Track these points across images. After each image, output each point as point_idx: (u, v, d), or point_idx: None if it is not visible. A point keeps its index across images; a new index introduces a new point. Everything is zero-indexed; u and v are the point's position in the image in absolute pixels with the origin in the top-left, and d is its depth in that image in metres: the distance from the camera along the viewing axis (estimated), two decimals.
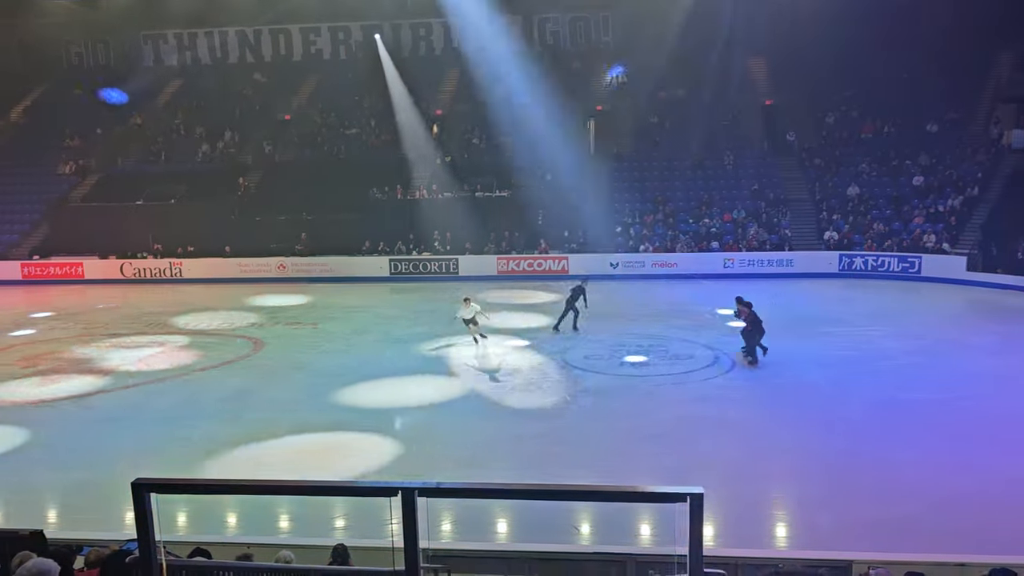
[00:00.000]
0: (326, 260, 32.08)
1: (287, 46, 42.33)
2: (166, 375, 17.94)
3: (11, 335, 22.56)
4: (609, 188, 34.51)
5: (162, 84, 42.17)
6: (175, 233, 33.34)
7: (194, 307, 26.27)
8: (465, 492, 2.45)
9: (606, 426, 13.99)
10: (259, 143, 37.72)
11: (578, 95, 38.10)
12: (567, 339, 20.31)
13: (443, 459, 12.48)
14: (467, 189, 34.22)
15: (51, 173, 37.72)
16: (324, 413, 15.07)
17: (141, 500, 2.62)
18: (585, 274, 24.92)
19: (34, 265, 33.31)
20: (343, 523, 10.21)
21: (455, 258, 31.77)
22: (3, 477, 12.75)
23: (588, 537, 9.66)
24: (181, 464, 12.29)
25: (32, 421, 15.08)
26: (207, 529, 9.47)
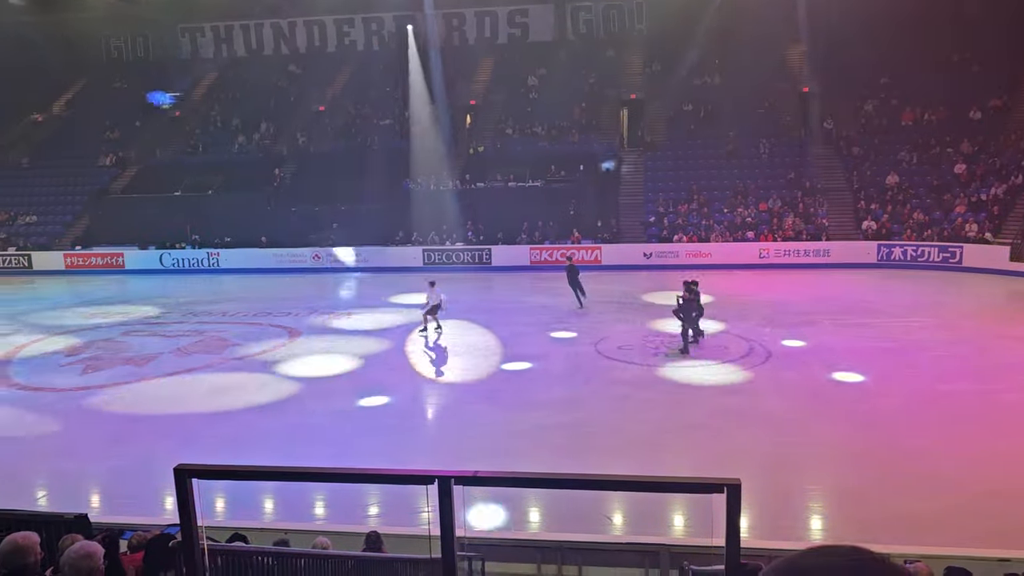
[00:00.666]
0: (360, 250, 32.34)
1: (321, 37, 42.63)
2: (204, 363, 18.24)
3: (55, 324, 23.06)
4: (642, 177, 34.36)
5: (199, 77, 42.73)
6: (212, 223, 33.83)
7: (229, 297, 26.64)
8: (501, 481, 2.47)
9: (638, 417, 13.94)
10: (294, 134, 38.08)
11: (611, 83, 37.94)
12: (600, 329, 20.25)
13: (473, 448, 12.55)
14: (500, 179, 34.23)
15: (92, 165, 38.48)
16: (358, 400, 15.22)
17: (183, 485, 2.67)
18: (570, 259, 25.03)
19: (76, 255, 34.03)
20: (376, 510, 10.34)
21: (488, 248, 31.82)
22: (48, 462, 13.09)
23: (621, 527, 9.66)
24: (219, 451, 12.51)
25: (75, 408, 15.45)
26: (243, 515, 9.64)
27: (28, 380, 17.47)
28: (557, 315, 22.34)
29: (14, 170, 39.18)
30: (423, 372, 17.21)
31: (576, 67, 38.28)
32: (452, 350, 18.90)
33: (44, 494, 11.78)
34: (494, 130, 37.23)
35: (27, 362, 18.91)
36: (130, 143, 39.11)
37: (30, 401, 16.07)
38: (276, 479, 2.44)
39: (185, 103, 41.10)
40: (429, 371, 17.25)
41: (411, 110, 38.11)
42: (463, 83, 39.05)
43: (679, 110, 36.59)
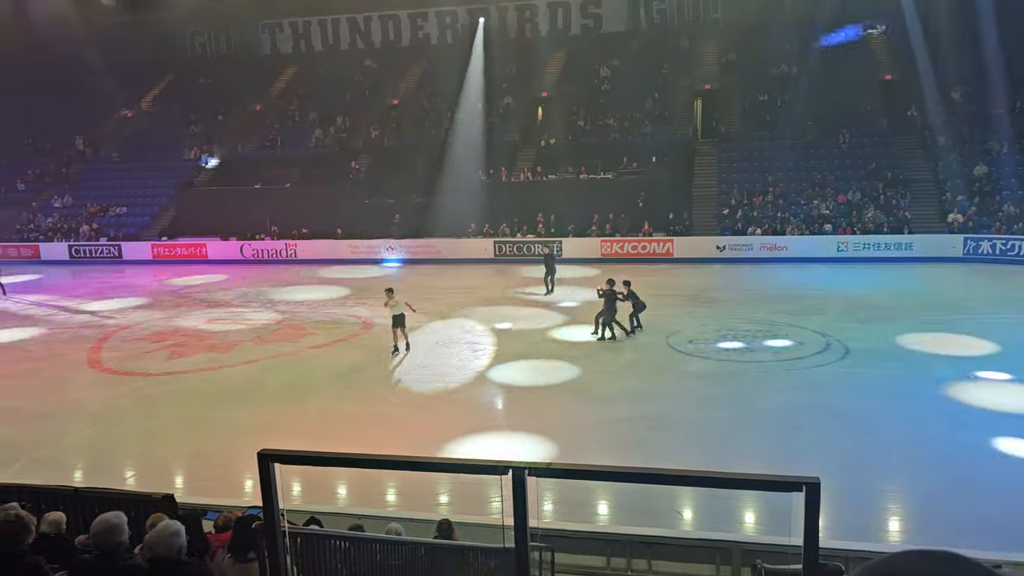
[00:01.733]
0: (432, 242, 32.72)
1: (396, 32, 43.20)
2: (282, 351, 18.78)
3: (143, 312, 24.06)
4: (716, 169, 33.79)
5: (278, 72, 43.83)
6: (290, 215, 34.72)
7: (306, 287, 27.30)
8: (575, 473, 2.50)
9: (710, 412, 13.78)
10: (368, 127, 38.72)
11: (685, 73, 37.38)
12: (671, 323, 20.01)
13: (543, 440, 12.60)
14: (571, 171, 34.14)
15: (178, 158, 39.91)
16: (429, 391, 15.46)
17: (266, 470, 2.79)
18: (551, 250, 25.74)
19: (162, 246, 35.40)
20: (446, 499, 10.51)
21: (559, 240, 31.79)
22: (136, 444, 13.73)
23: (692, 523, 9.59)
24: (296, 436, 12.88)
25: (161, 392, 16.14)
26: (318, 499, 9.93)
27: (118, 365, 18.31)
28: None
29: (106, 164, 40.98)
30: (492, 363, 17.33)
31: (649, 57, 37.83)
32: (522, 341, 18.96)
33: (132, 474, 12.35)
34: (566, 122, 37.11)
35: (117, 347, 19.80)
36: (213, 137, 40.42)
37: (121, 385, 16.85)
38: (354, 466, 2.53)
39: (265, 97, 42.22)
40: (499, 362, 17.36)
41: (483, 103, 38.31)
42: (535, 75, 39.03)
43: (755, 100, 35.80)
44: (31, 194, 39.86)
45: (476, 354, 18.09)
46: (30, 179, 40.55)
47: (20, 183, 40.38)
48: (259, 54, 44.67)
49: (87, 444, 13.83)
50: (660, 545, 7.92)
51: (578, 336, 19.19)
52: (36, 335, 21.54)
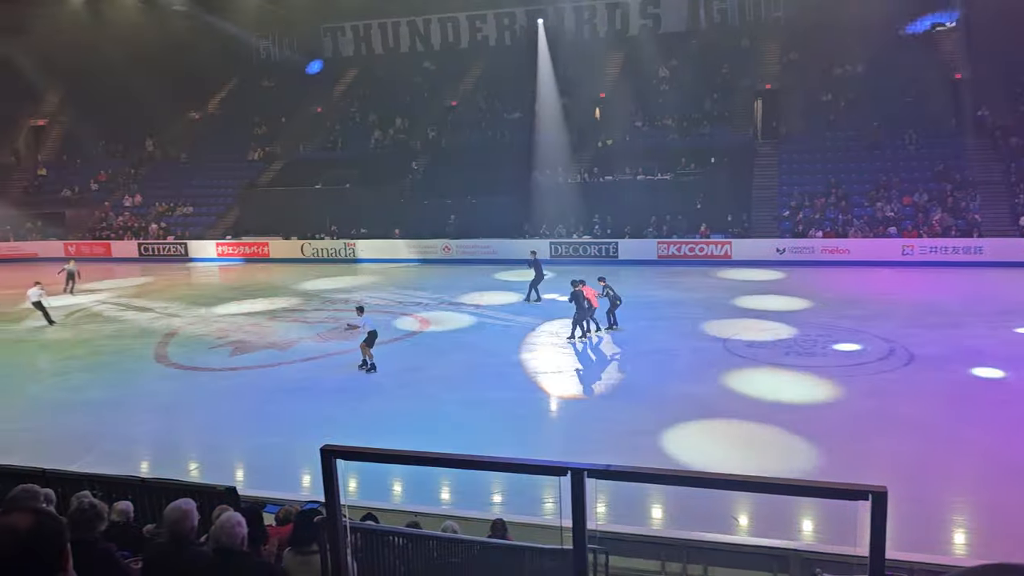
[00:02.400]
0: (488, 242, 32.88)
1: (455, 34, 43.54)
2: (340, 349, 19.11)
3: (207, 308, 24.72)
4: (776, 170, 33.23)
5: (339, 74, 44.58)
6: (349, 215, 35.29)
7: (364, 286, 27.71)
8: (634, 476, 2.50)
9: (769, 417, 13.56)
10: (427, 129, 39.11)
11: (745, 73, 36.84)
12: (729, 326, 19.76)
13: (595, 442, 12.58)
14: (628, 172, 33.95)
15: (242, 159, 40.93)
16: (486, 391, 15.56)
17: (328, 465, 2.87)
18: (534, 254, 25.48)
19: (227, 244, 36.33)
20: (500, 498, 10.58)
21: (615, 242, 31.65)
22: (199, 437, 14.14)
23: (748, 529, 9.47)
24: (352, 433, 13.10)
25: (224, 387, 16.59)
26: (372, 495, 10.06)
27: (184, 360, 18.87)
28: (685, 310, 21.99)
29: (174, 165, 42.25)
30: (550, 364, 17.36)
31: (708, 57, 37.40)
32: (577, 342, 18.94)
33: (196, 466, 12.72)
34: (623, 123, 36.90)
35: (184, 343, 20.40)
36: (276, 138, 41.33)
37: (185, 379, 17.37)
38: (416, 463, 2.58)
39: (326, 100, 42.99)
40: (558, 363, 17.38)
41: (540, 103, 38.34)
42: (593, 76, 38.89)
43: (817, 100, 35.08)
44: (104, 194, 41.34)
45: (532, 356, 18.14)
46: (103, 179, 42.05)
47: (93, 183, 41.91)
48: (321, 57, 45.49)
49: (153, 436, 14.29)
50: (716, 551, 7.84)
51: (626, 340, 19.07)
52: (109, 331, 22.33)
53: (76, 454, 12.45)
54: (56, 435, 13.94)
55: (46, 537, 2.01)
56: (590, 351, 18.31)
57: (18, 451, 11.54)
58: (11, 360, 19.59)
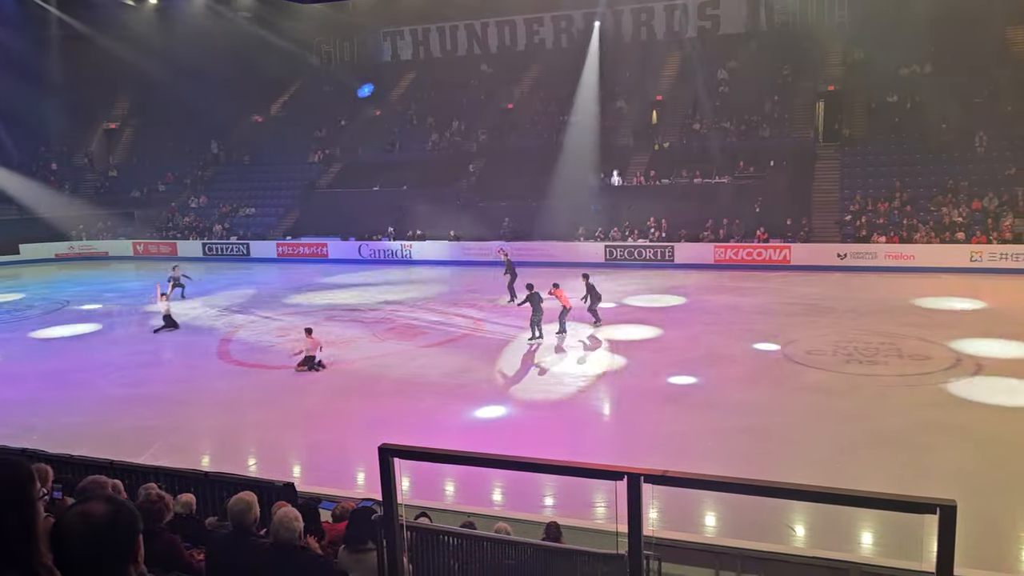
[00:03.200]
0: (543, 244, 32.88)
1: (512, 37, 43.69)
2: (396, 349, 19.33)
3: (268, 307, 25.23)
4: (838, 173, 32.51)
5: (398, 78, 45.13)
6: (406, 217, 35.67)
7: (420, 287, 27.93)
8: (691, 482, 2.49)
9: (828, 426, 13.28)
10: (483, 131, 39.31)
11: (807, 75, 36.15)
12: (788, 332, 19.41)
13: (652, 447, 12.48)
14: (685, 175, 33.61)
15: (303, 162, 41.76)
16: (537, 393, 15.57)
17: (386, 463, 2.92)
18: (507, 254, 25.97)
19: (287, 245, 37.10)
20: (551, 501, 10.58)
21: (670, 245, 31.35)
22: (258, 433, 14.46)
23: (806, 540, 9.29)
24: (407, 432, 13.24)
25: (282, 385, 16.93)
26: (425, 494, 10.16)
27: (244, 357, 19.33)
28: (742, 315, 21.68)
29: (237, 166, 43.32)
30: (604, 369, 17.29)
31: (769, 59, 36.78)
32: (635, 347, 18.83)
33: (254, 462, 13.02)
34: (681, 125, 36.56)
35: (243, 341, 20.89)
36: (336, 141, 42.03)
37: (246, 376, 17.78)
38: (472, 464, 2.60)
39: (384, 103, 43.55)
40: (612, 368, 17.30)
41: (597, 107, 38.23)
42: (650, 78, 38.61)
43: (882, 102, 34.19)
44: (170, 195, 42.60)
45: (587, 360, 18.10)
46: (169, 180, 43.34)
47: (161, 184, 43.22)
48: (380, 61, 46.13)
49: (215, 431, 14.67)
50: (772, 561, 7.71)
51: (681, 345, 18.87)
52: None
53: (141, 447, 12.86)
54: (122, 428, 14.41)
55: (121, 526, 2.09)
56: (644, 355, 18.16)
57: (87, 443, 11.96)
58: (81, 355, 20.32)
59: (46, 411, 15.76)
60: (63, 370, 18.82)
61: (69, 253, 39.30)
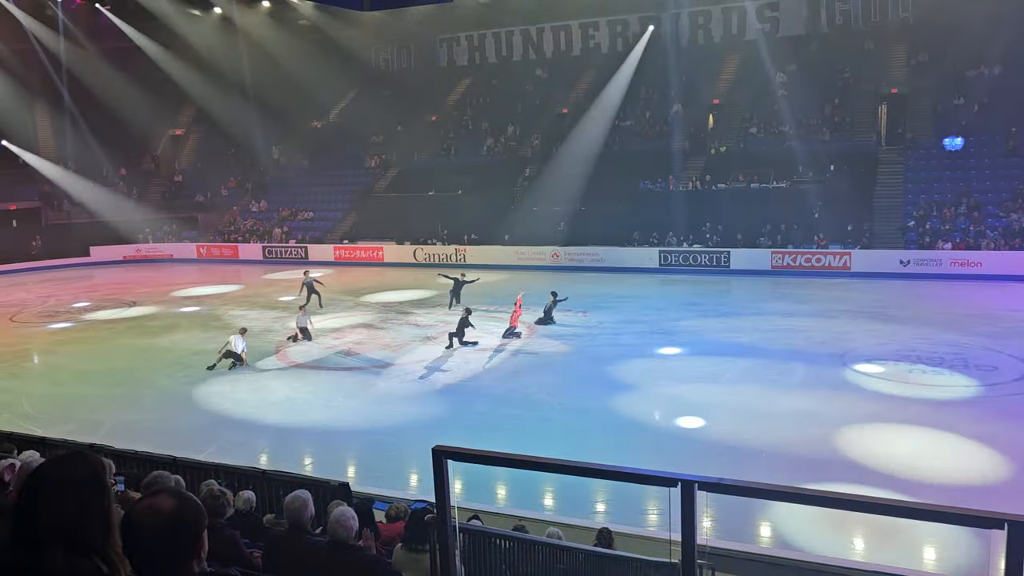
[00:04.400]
0: (597, 250, 32.78)
1: (567, 42, 43.70)
2: (448, 353, 19.48)
3: (324, 310, 25.66)
4: (902, 178, 31.69)
5: (453, 83, 45.52)
6: (460, 222, 35.92)
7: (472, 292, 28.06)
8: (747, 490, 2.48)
9: (890, 440, 12.95)
10: (538, 136, 39.37)
11: (869, 77, 35.36)
12: (846, 340, 18.98)
13: (705, 455, 12.34)
14: (742, 180, 33.16)
15: (360, 167, 42.42)
16: (590, 399, 15.52)
17: (440, 465, 2.96)
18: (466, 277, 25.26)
19: (344, 248, 37.70)
20: (603, 507, 10.54)
21: (726, 251, 30.95)
22: (314, 433, 14.71)
23: (864, 551, 9.08)
24: (459, 434, 13.33)
25: (339, 386, 17.21)
26: (476, 497, 10.21)
27: (301, 358, 19.69)
28: (799, 323, 21.28)
29: (297, 171, 44.20)
30: (656, 374, 17.15)
31: (829, 61, 36.09)
32: (687, 352, 18.64)
33: (310, 461, 13.25)
34: (738, 129, 36.10)
35: (303, 342, 21.25)
36: (392, 147, 42.58)
37: (302, 377, 18.12)
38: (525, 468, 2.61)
39: (440, 109, 43.98)
40: (665, 373, 17.16)
41: (652, 111, 38.01)
42: (707, 82, 38.23)
43: (948, 104, 33.22)
44: (232, 199, 43.69)
45: (637, 366, 17.98)
46: (232, 185, 44.44)
47: (224, 189, 44.36)
48: (436, 67, 46.58)
49: (272, 430, 14.97)
50: (827, 573, 7.56)
51: (736, 351, 18.60)
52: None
53: (201, 444, 13.21)
54: (183, 425, 14.82)
55: (187, 521, 2.17)
56: (698, 362, 17.97)
57: (149, 439, 12.33)
58: (143, 355, 20.95)
59: (112, 407, 16.31)
60: (128, 368, 19.45)
61: (136, 255, 40.64)
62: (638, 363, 18.08)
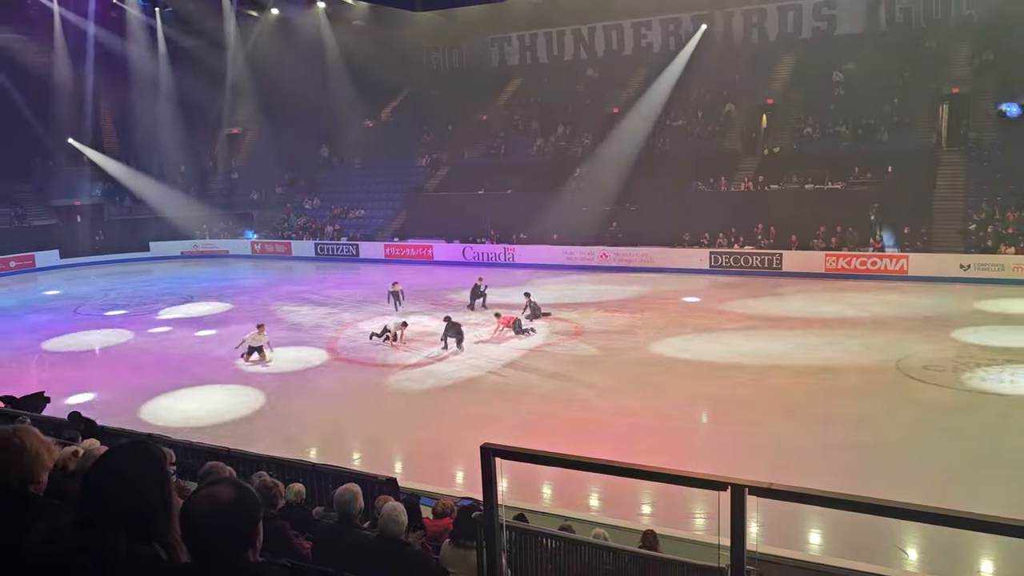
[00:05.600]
0: (646, 250, 32.54)
1: (619, 41, 43.45)
2: (494, 352, 19.56)
3: (374, 307, 25.96)
4: (963, 180, 30.77)
5: (504, 83, 45.61)
6: (509, 221, 35.98)
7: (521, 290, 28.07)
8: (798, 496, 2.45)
9: (944, 447, 12.63)
10: (588, 136, 39.23)
11: (929, 76, 34.42)
12: (902, 346, 18.54)
13: (753, 460, 12.17)
14: (796, 181, 32.57)
15: (411, 165, 42.80)
16: (637, 399, 15.44)
17: (488, 463, 2.99)
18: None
19: (394, 246, 38.08)
20: (648, 509, 10.48)
21: (779, 253, 30.43)
22: (362, 428, 14.93)
23: (918, 563, 8.87)
24: (505, 433, 13.37)
25: (387, 382, 17.40)
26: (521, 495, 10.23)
27: (350, 354, 19.97)
28: (853, 326, 20.84)
29: (349, 170, 44.78)
30: (709, 376, 16.98)
31: (888, 60, 35.19)
32: (739, 356, 18.40)
33: (359, 456, 13.44)
34: (792, 130, 35.46)
35: (352, 338, 21.57)
36: (443, 146, 42.86)
37: (353, 372, 18.39)
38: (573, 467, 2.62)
39: (491, 108, 44.10)
40: (716, 376, 16.98)
41: (704, 110, 37.57)
42: (760, 81, 37.64)
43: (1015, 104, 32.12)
44: (286, 196, 44.46)
45: (684, 367, 17.82)
46: (285, 184, 45.22)
47: (277, 187, 45.16)
48: (488, 66, 46.73)
49: (322, 424, 15.23)
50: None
51: (790, 356, 18.30)
52: (287, 324, 23.99)
53: (253, 437, 13.48)
54: (234, 418, 15.15)
55: (245, 510, 2.24)
56: (748, 365, 17.73)
57: (203, 431, 12.65)
58: (197, 348, 21.44)
59: (168, 399, 16.75)
60: (184, 361, 19.96)
61: (193, 251, 41.65)
62: (686, 366, 17.92)
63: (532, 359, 18.91)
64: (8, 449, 2.58)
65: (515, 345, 20.17)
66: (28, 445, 2.62)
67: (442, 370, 18.15)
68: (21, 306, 28.77)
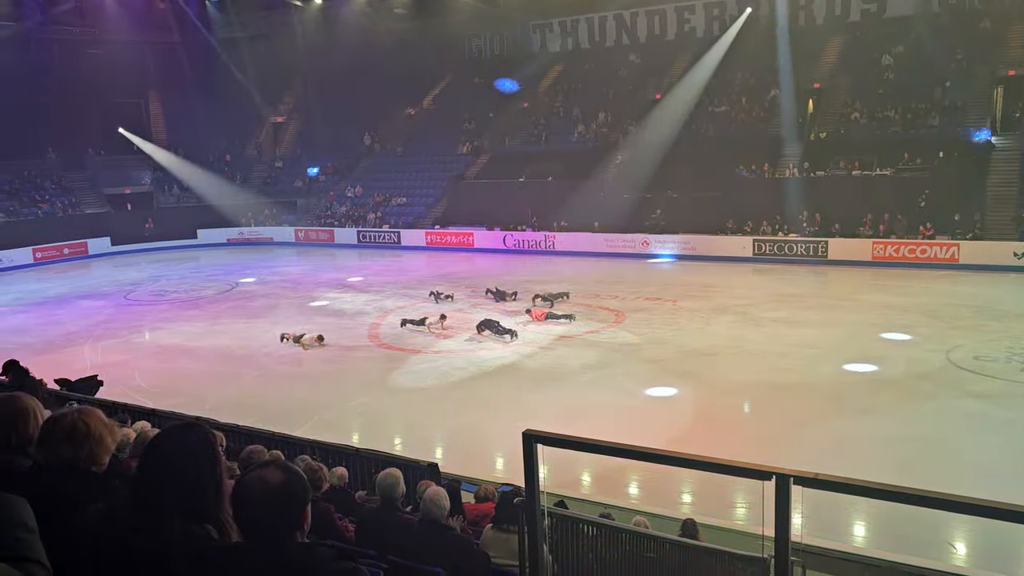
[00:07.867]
0: (688, 238, 32.24)
1: (661, 26, 42.91)
2: (535, 340, 19.57)
3: (415, 293, 26.14)
4: (1019, 165, 29.88)
5: (545, 69, 45.40)
6: (550, 208, 35.90)
7: (562, 278, 28.08)
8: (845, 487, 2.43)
9: (997, 440, 12.34)
10: (630, 122, 38.90)
11: (984, 59, 33.40)
12: (953, 336, 18.13)
13: (800, 450, 12.03)
14: (843, 167, 31.93)
15: (452, 153, 42.91)
16: (678, 387, 15.34)
17: (530, 449, 3.01)
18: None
19: (435, 234, 38.27)
20: (688, 498, 10.43)
21: (824, 240, 29.90)
22: (404, 413, 15.07)
23: (967, 559, 8.71)
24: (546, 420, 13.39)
25: (427, 368, 17.54)
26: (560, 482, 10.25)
27: (392, 341, 20.16)
28: (901, 316, 20.42)
29: (391, 158, 45.07)
30: (754, 366, 16.80)
31: (940, 42, 34.19)
32: (784, 344, 18.17)
33: (400, 441, 13.58)
34: (839, 114, 34.74)
35: (392, 325, 21.75)
36: (484, 133, 42.87)
37: (394, 359, 18.56)
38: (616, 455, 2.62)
39: (532, 95, 43.95)
40: (759, 365, 16.80)
41: (748, 96, 36.98)
42: (807, 65, 36.87)
43: None
44: (329, 184, 44.94)
45: (726, 357, 17.66)
46: (328, 171, 45.69)
47: (321, 175, 45.65)
48: (529, 53, 46.53)
49: (364, 410, 15.41)
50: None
51: (833, 345, 18.00)
52: (330, 310, 24.31)
53: (298, 421, 13.71)
54: (281, 403, 15.42)
55: (294, 493, 2.29)
56: (792, 356, 17.49)
57: (249, 414, 12.88)
58: (244, 333, 21.84)
59: (215, 383, 17.11)
60: (231, 347, 20.34)
61: (239, 238, 42.37)
62: (727, 355, 17.75)
63: (573, 347, 18.89)
64: (75, 432, 2.67)
65: (556, 331, 20.16)
66: (93, 429, 2.71)
67: (482, 357, 18.23)
68: (73, 292, 29.56)
